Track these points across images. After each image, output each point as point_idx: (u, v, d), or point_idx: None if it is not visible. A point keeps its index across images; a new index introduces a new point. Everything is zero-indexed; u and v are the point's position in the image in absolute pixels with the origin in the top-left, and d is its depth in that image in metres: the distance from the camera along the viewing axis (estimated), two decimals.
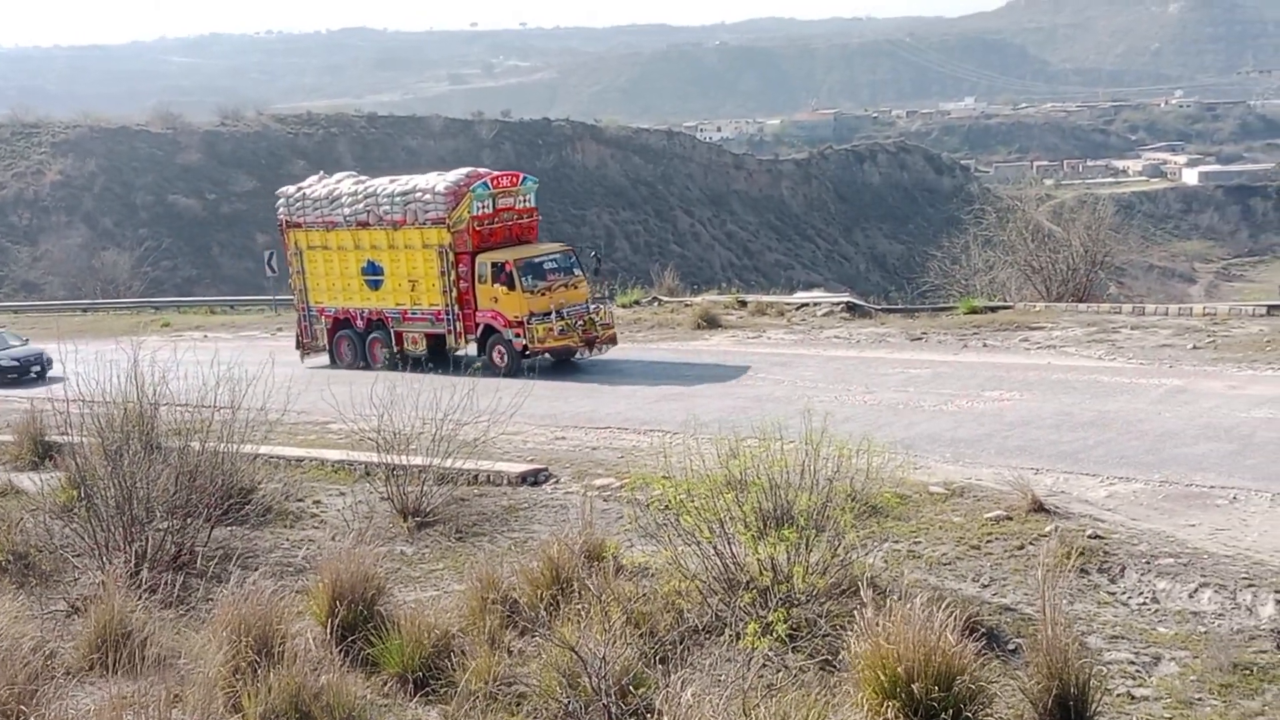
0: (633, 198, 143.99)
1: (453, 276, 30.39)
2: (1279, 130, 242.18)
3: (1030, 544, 14.81)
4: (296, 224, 33.37)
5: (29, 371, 34.57)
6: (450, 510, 18.29)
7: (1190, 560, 14.14)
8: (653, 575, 14.39)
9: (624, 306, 38.69)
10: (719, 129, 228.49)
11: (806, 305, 35.75)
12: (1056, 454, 19.20)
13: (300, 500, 19.60)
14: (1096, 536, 14.84)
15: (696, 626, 13.33)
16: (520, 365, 29.24)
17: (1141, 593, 13.70)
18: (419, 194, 30.76)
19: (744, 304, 37.26)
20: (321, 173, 35.22)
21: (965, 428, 21.31)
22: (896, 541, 15.31)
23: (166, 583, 15.62)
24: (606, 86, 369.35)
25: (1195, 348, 26.03)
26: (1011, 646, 12.75)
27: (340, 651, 13.54)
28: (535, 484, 19.60)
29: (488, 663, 12.82)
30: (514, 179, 31.96)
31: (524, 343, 29.39)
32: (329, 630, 13.90)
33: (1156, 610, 13.35)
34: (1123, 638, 12.73)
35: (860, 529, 14.11)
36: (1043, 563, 13.00)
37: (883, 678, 11.38)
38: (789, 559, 13.33)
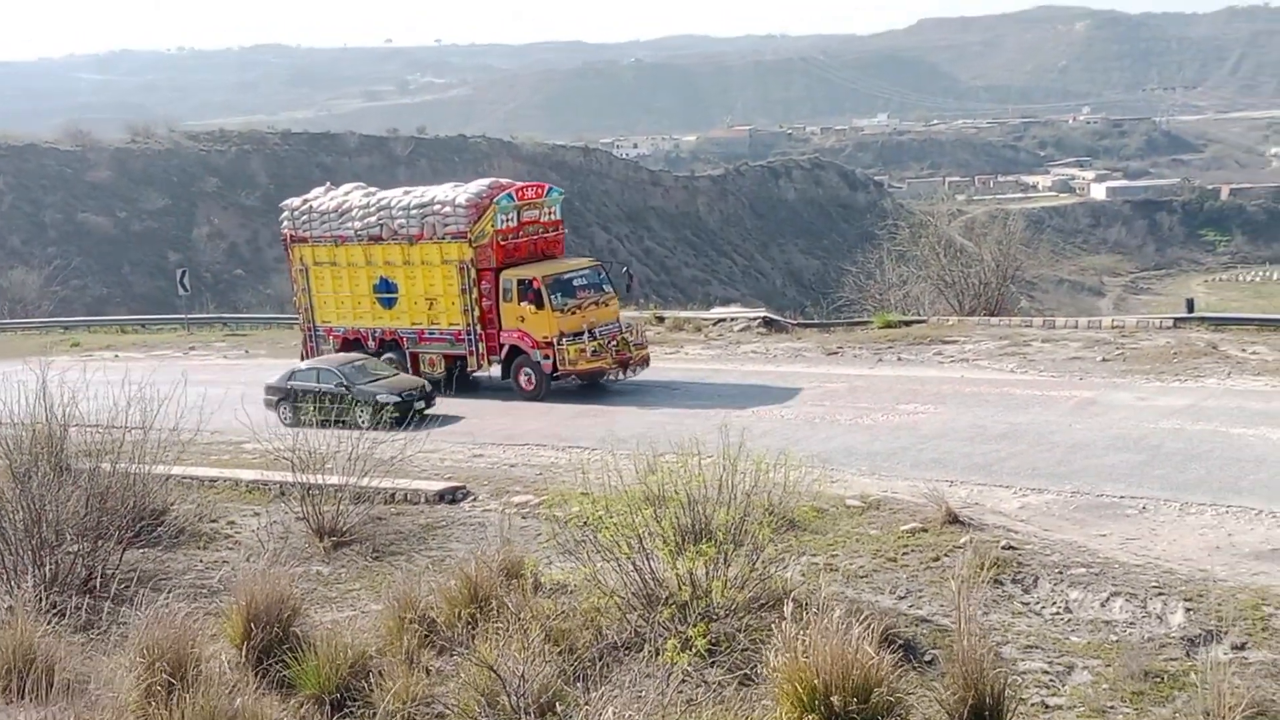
0: None
1: (475, 294, 28.40)
2: (1184, 146, 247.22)
3: (945, 556, 14.95)
4: (302, 238, 31.03)
5: (410, 409, 25.94)
6: (367, 529, 18.15)
7: (1102, 570, 14.33)
8: (572, 592, 14.36)
9: None
10: (635, 145, 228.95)
11: (724, 321, 35.91)
12: (970, 466, 19.43)
13: (214, 521, 19.35)
14: (1010, 547, 15.01)
15: (616, 643, 13.31)
16: (549, 389, 27.70)
17: (1055, 602, 13.87)
18: (438, 206, 28.77)
19: (661, 320, 37.35)
20: (328, 184, 32.98)
21: (881, 441, 21.49)
22: (814, 555, 15.39)
23: (76, 607, 15.34)
24: (523, 103, 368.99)
25: (1104, 360, 26.44)
26: (928, 657, 12.85)
27: (256, 674, 13.36)
28: (453, 502, 19.51)
29: (406, 683, 12.71)
30: (539, 190, 30.29)
31: (553, 364, 27.49)
32: (244, 653, 13.73)
33: (1069, 620, 13.52)
34: (1037, 647, 12.88)
35: (778, 543, 14.18)
36: (957, 574, 13.14)
37: (801, 691, 11.43)
38: (708, 574, 13.36)
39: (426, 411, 26.44)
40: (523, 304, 27.68)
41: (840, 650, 11.50)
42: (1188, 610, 13.16)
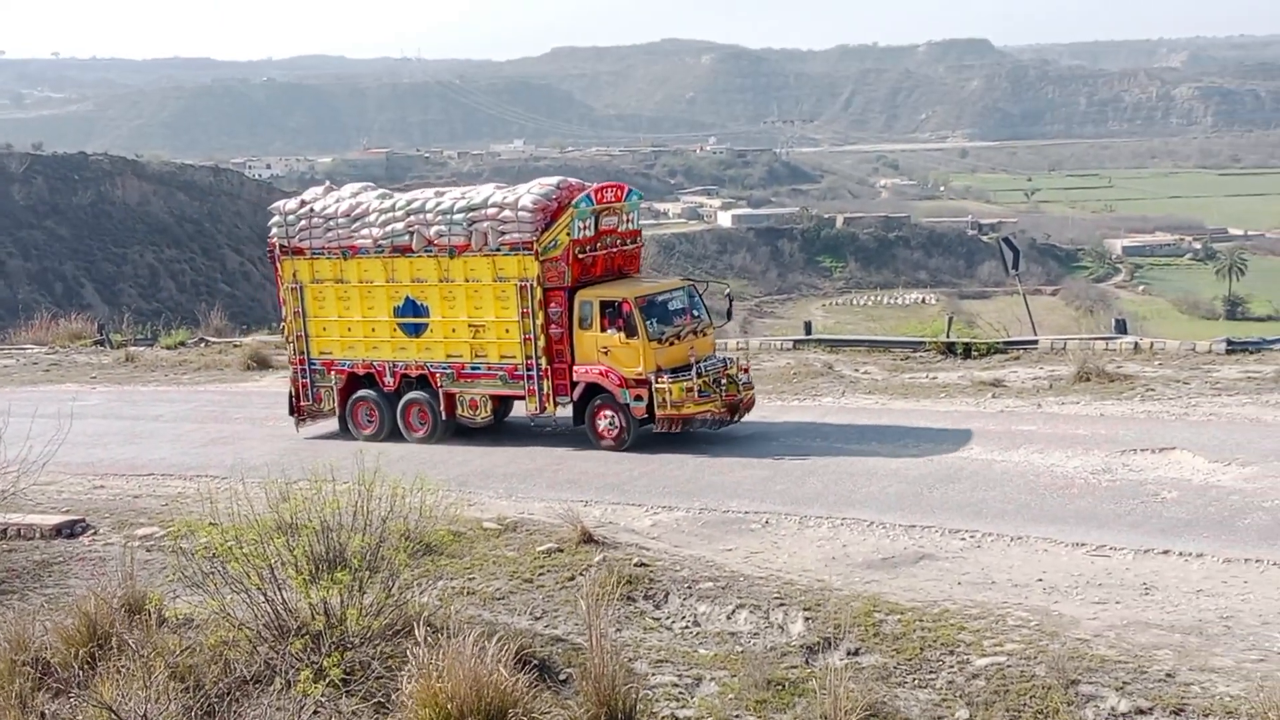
0: (178, 235, 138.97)
1: (540, 320, 22.79)
2: (802, 176, 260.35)
3: (581, 574, 15.19)
4: (297, 250, 24.94)
5: None
6: None
7: (728, 583, 14.86)
8: (199, 626, 13.88)
9: (168, 348, 37.28)
10: (269, 166, 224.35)
11: None
12: (604, 486, 19.84)
13: None
14: (642, 564, 15.39)
15: (246, 677, 12.94)
16: (637, 437, 22.42)
17: (684, 616, 14.29)
18: (492, 210, 23.00)
19: None
20: (328, 183, 27.34)
21: (518, 463, 21.70)
22: (451, 578, 15.38)
23: None
24: (148, 120, 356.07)
25: None
26: (563, 676, 13.01)
27: None
28: (71, 536, 18.55)
29: None
30: (619, 192, 24.30)
31: (647, 407, 22.18)
32: None
33: (698, 633, 13.96)
34: (667, 661, 13.22)
35: (415, 568, 14.10)
36: (589, 592, 13.38)
37: (435, 716, 11.41)
38: (342, 602, 13.16)
39: None
40: (609, 332, 22.38)
41: (474, 673, 11.54)
42: (807, 619, 13.79)
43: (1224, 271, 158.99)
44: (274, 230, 25.47)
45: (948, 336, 29.79)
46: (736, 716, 12.13)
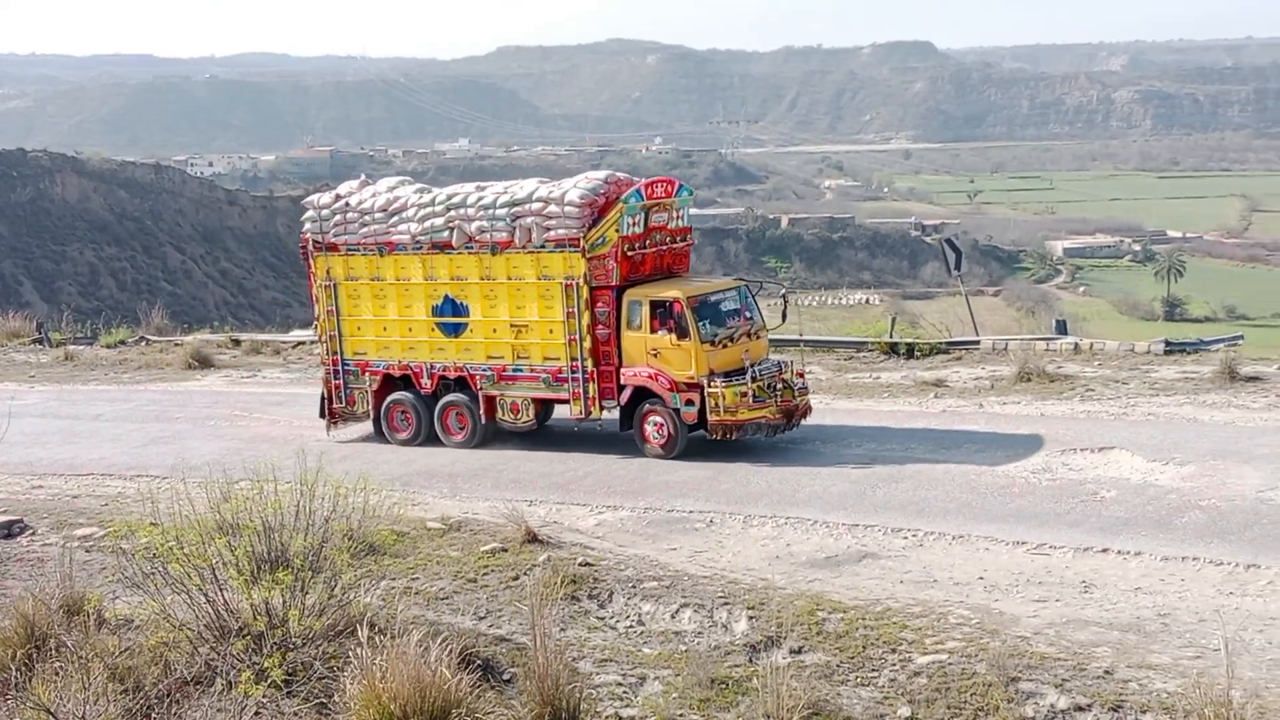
0: (119, 233, 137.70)
1: (587, 320, 21.75)
2: (747, 177, 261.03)
3: (525, 574, 15.18)
4: (331, 246, 23.82)
5: None
6: None
7: (672, 582, 14.89)
8: (139, 627, 13.76)
9: (108, 347, 36.96)
10: (211, 164, 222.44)
11: (303, 343, 35.28)
12: (549, 485, 19.84)
13: None
14: (587, 564, 15.40)
15: (186, 678, 12.82)
16: (685, 444, 21.43)
17: (628, 616, 14.32)
18: (537, 205, 21.98)
19: (238, 343, 36.44)
20: (364, 176, 26.19)
21: (462, 463, 21.64)
22: (395, 578, 15.33)
23: None
24: (88, 117, 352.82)
25: None
26: (507, 676, 13.00)
27: None
28: (9, 537, 18.31)
29: None
30: (669, 187, 22.97)
31: (698, 413, 21.09)
32: None
33: (642, 632, 13.98)
34: (611, 660, 13.24)
35: (358, 568, 14.03)
36: (533, 592, 13.37)
37: (378, 717, 11.36)
38: (284, 602, 13.07)
39: None
40: (660, 334, 21.33)
41: (417, 673, 11.50)
42: (750, 618, 13.84)
43: (1163, 273, 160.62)
44: (307, 225, 24.36)
45: (891, 337, 29.98)
46: (680, 715, 12.16)
